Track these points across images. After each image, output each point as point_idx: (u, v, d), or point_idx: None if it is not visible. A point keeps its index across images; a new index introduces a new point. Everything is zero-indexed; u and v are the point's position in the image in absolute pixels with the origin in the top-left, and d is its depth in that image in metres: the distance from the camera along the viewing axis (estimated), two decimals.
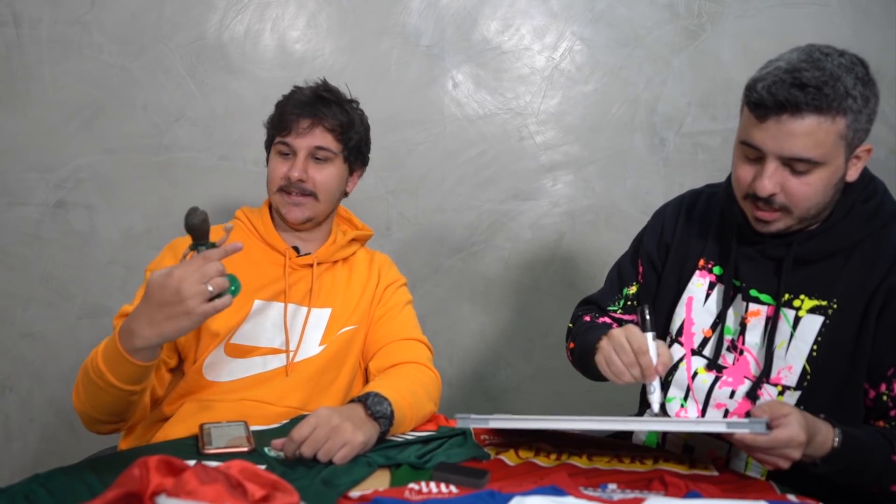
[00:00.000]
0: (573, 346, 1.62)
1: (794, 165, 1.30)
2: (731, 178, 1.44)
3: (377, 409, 1.35)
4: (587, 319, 1.65)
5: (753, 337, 1.43)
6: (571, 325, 1.69)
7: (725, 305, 1.46)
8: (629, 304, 1.64)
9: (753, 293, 1.44)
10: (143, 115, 2.33)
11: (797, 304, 1.40)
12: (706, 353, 1.48)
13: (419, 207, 2.46)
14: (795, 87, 1.25)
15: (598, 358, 1.41)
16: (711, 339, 1.48)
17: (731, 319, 1.46)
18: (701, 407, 1.46)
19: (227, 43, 2.34)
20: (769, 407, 1.20)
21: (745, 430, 1.18)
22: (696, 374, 1.48)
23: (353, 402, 1.38)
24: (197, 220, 1.25)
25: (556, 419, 1.30)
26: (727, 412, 1.43)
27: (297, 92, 1.69)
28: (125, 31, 2.30)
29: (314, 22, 2.37)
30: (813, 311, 1.38)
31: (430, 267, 2.48)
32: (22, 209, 2.33)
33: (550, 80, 2.44)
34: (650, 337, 1.34)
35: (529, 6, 2.42)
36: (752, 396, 1.41)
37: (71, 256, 2.36)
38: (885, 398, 1.34)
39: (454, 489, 1.16)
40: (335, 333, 1.66)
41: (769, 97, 1.26)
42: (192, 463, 1.03)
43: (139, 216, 2.37)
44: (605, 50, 2.44)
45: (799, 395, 1.38)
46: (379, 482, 1.22)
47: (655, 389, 1.34)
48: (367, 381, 1.69)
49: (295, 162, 1.64)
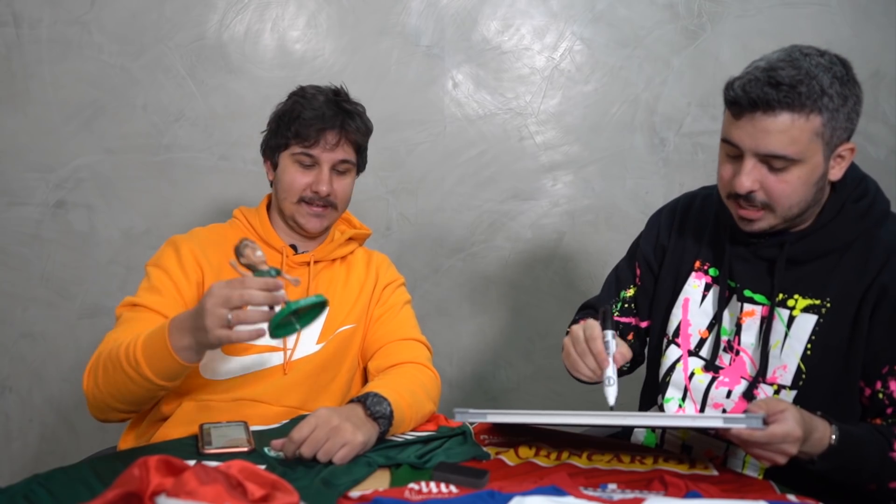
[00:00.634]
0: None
1: (770, 162, 1.31)
2: None
3: (376, 409, 1.35)
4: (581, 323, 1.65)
5: (749, 337, 1.44)
6: (568, 329, 1.69)
7: (721, 306, 1.47)
8: (626, 306, 1.64)
9: (748, 294, 1.45)
10: (142, 115, 2.33)
11: (791, 303, 1.40)
12: (703, 353, 1.49)
13: (419, 207, 2.46)
14: (769, 85, 1.27)
15: (562, 355, 1.43)
16: (708, 339, 1.49)
17: (726, 320, 1.47)
18: (699, 407, 1.46)
19: (227, 43, 2.34)
20: (766, 403, 1.20)
21: (741, 424, 1.18)
22: (692, 374, 1.48)
23: (352, 402, 1.38)
24: (250, 250, 1.22)
25: (553, 414, 1.29)
26: (724, 412, 1.43)
27: (310, 97, 1.64)
28: (125, 31, 2.30)
29: (314, 22, 2.37)
30: (807, 310, 1.39)
31: (430, 267, 2.48)
32: (22, 209, 2.33)
33: (550, 80, 2.44)
34: (609, 334, 1.35)
35: (529, 6, 2.42)
36: (748, 396, 1.41)
37: (71, 256, 2.36)
38: (880, 396, 1.34)
39: (454, 489, 1.16)
40: (333, 332, 1.66)
41: (743, 95, 1.29)
42: (192, 463, 1.03)
43: (139, 216, 2.37)
44: (605, 50, 2.44)
45: (795, 394, 1.38)
46: (379, 482, 1.22)
47: (611, 382, 1.33)
48: (365, 380, 1.69)
49: (320, 175, 1.62)
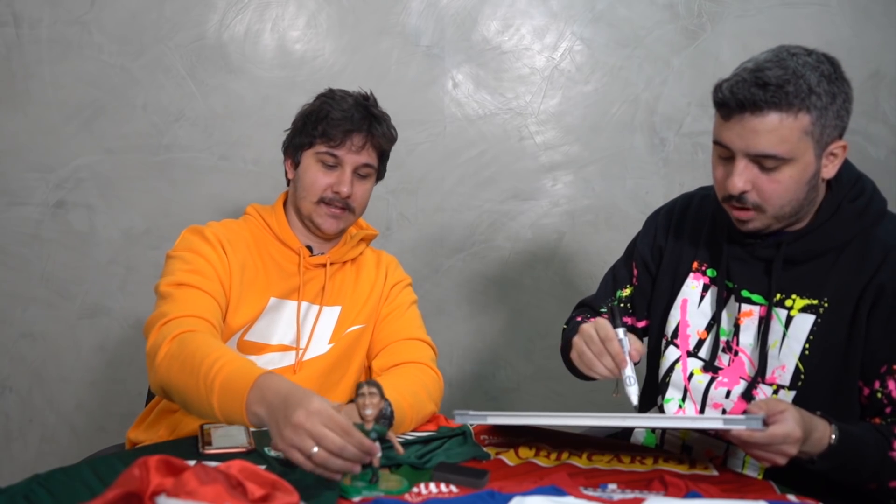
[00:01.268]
0: (562, 346, 1.63)
1: (762, 162, 1.31)
2: None
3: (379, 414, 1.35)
4: (579, 320, 1.65)
5: (747, 337, 1.44)
6: (565, 326, 1.70)
7: (719, 307, 1.47)
8: (622, 306, 1.65)
9: (745, 294, 1.45)
10: (142, 114, 2.33)
11: (789, 303, 1.40)
12: (702, 354, 1.49)
13: (419, 207, 2.46)
14: (756, 85, 1.27)
15: (572, 354, 1.41)
16: (707, 340, 1.49)
17: (725, 321, 1.47)
18: (698, 407, 1.46)
19: (227, 43, 2.34)
20: (765, 404, 1.20)
21: (741, 426, 1.18)
22: (692, 375, 1.49)
23: (352, 402, 1.38)
24: (367, 399, 1.15)
25: (553, 415, 1.29)
26: (724, 412, 1.44)
27: (339, 99, 1.65)
28: (125, 31, 2.30)
29: (314, 22, 2.37)
30: (804, 310, 1.39)
31: (430, 267, 2.48)
32: (22, 209, 2.33)
33: (550, 80, 2.44)
34: (621, 331, 1.34)
35: (529, 6, 2.42)
36: (747, 397, 1.41)
37: (71, 256, 2.36)
38: (879, 395, 1.34)
39: (454, 489, 1.16)
40: (343, 332, 1.67)
41: (731, 97, 1.29)
42: (192, 463, 1.03)
43: (139, 216, 2.37)
44: (605, 50, 2.44)
45: (794, 394, 1.38)
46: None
47: (632, 382, 1.32)
48: (369, 378, 1.70)
49: (342, 176, 1.62)
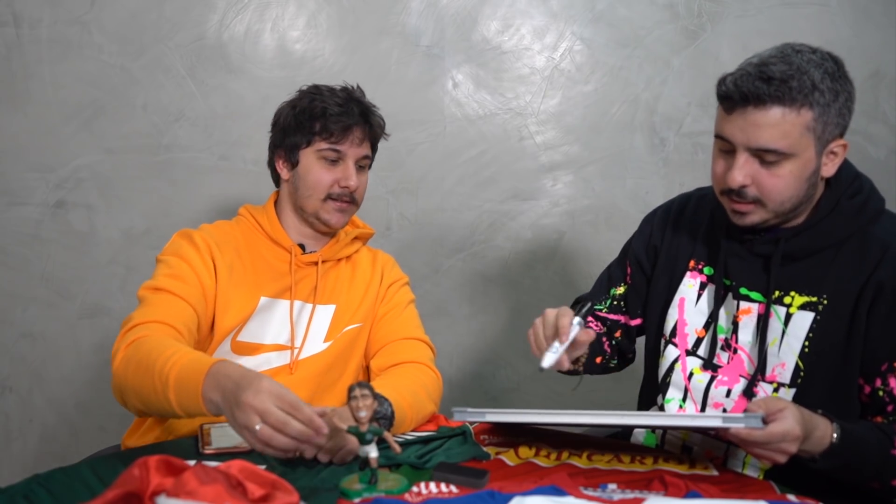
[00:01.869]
0: None
1: (763, 157, 1.32)
2: None
3: (377, 409, 1.35)
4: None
5: (746, 335, 1.44)
6: None
7: (717, 305, 1.47)
8: (615, 303, 1.66)
9: (744, 291, 1.45)
10: (142, 115, 2.33)
11: (787, 300, 1.40)
12: (700, 352, 1.49)
13: (419, 207, 2.46)
14: (761, 79, 1.28)
15: (529, 330, 1.44)
16: (705, 338, 1.49)
17: (723, 318, 1.47)
18: (699, 407, 1.46)
19: (227, 43, 2.34)
20: (765, 402, 1.20)
21: (740, 424, 1.17)
22: (691, 374, 1.49)
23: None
24: (359, 403, 1.15)
25: (552, 413, 1.29)
26: (725, 411, 1.44)
27: (329, 94, 1.64)
28: (125, 31, 2.30)
29: (314, 22, 2.37)
30: (803, 307, 1.39)
31: (430, 267, 2.48)
32: (22, 209, 2.33)
33: (550, 80, 2.44)
34: (577, 319, 1.36)
35: (529, 6, 2.42)
36: (748, 394, 1.41)
37: (71, 256, 2.36)
38: (881, 393, 1.34)
39: (454, 489, 1.16)
40: (340, 330, 1.67)
41: (735, 90, 1.30)
42: (192, 463, 1.03)
43: (139, 216, 2.37)
44: (605, 50, 2.44)
45: (794, 392, 1.38)
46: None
47: (555, 350, 1.35)
48: (368, 379, 1.69)
49: (346, 170, 1.63)
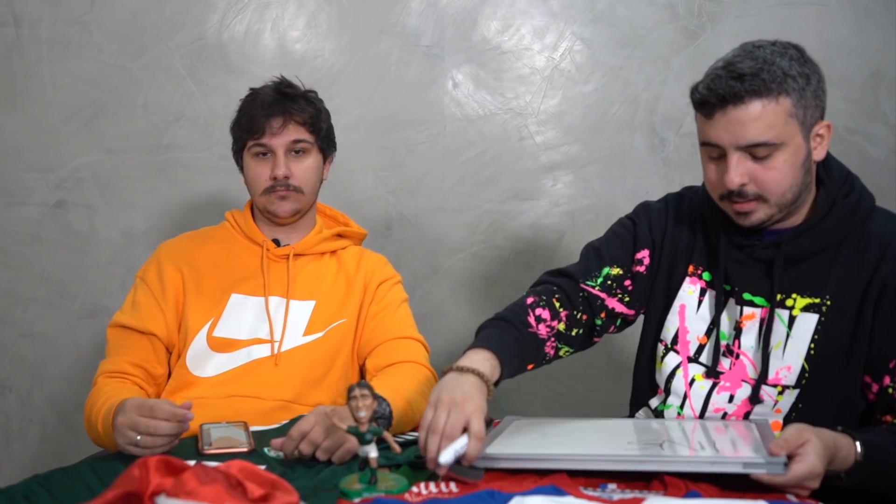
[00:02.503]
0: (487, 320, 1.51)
1: (754, 152, 1.32)
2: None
3: (376, 409, 1.35)
4: (527, 304, 1.49)
5: (749, 340, 1.43)
6: (525, 294, 1.54)
7: (718, 311, 1.46)
8: (609, 283, 1.52)
9: (747, 297, 1.44)
10: (142, 115, 2.33)
11: (790, 303, 1.40)
12: (703, 359, 1.47)
13: (419, 207, 2.46)
14: (733, 78, 1.29)
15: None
16: (707, 345, 1.47)
17: (725, 324, 1.46)
18: (697, 413, 1.45)
19: (227, 43, 2.34)
20: (785, 441, 1.16)
21: (762, 470, 1.14)
22: (693, 381, 1.47)
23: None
24: (358, 402, 1.17)
25: (567, 458, 1.24)
26: (725, 416, 1.43)
27: (257, 94, 1.70)
28: (125, 31, 2.30)
29: (314, 22, 2.37)
30: (806, 309, 1.38)
31: (430, 267, 2.48)
32: (22, 209, 2.33)
33: (550, 80, 2.44)
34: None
35: (529, 6, 2.42)
36: (754, 400, 1.41)
37: (71, 256, 2.36)
38: (890, 391, 1.34)
39: (454, 489, 1.16)
40: (324, 326, 1.66)
41: (710, 93, 1.31)
42: (191, 463, 1.03)
43: (139, 216, 2.37)
44: (605, 50, 2.44)
45: (798, 392, 1.38)
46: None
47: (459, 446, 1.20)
48: (362, 378, 1.69)
49: (276, 161, 1.66)
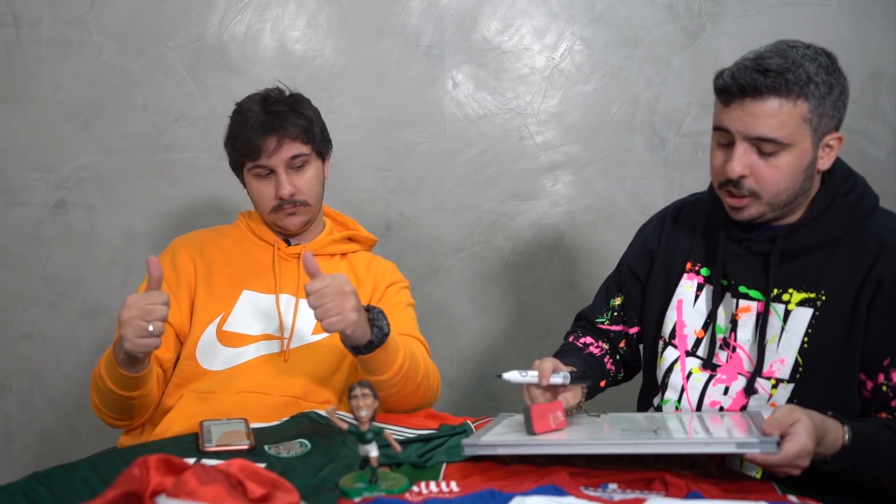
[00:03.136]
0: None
1: (761, 147, 1.34)
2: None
3: (378, 320, 1.46)
4: (570, 340, 1.68)
5: (745, 333, 1.45)
6: (563, 341, 1.71)
7: (715, 305, 1.48)
8: (615, 314, 1.67)
9: (742, 290, 1.45)
10: (143, 115, 2.33)
11: (786, 297, 1.41)
12: (700, 353, 1.49)
13: (419, 207, 2.46)
14: (758, 72, 1.31)
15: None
16: (704, 338, 1.49)
17: (721, 318, 1.48)
18: (694, 406, 1.47)
19: (227, 43, 2.34)
20: (777, 421, 1.19)
21: (755, 449, 1.16)
22: (690, 374, 1.49)
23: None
24: (359, 402, 1.18)
25: (564, 444, 1.28)
26: (721, 409, 1.44)
27: (244, 112, 1.68)
28: (125, 31, 2.30)
29: (314, 22, 2.37)
30: (802, 303, 1.40)
31: (430, 267, 2.48)
32: (22, 209, 2.33)
33: (550, 80, 2.44)
34: (563, 375, 1.40)
35: (529, 6, 2.42)
36: (749, 391, 1.42)
37: (71, 256, 2.36)
38: (884, 388, 1.35)
39: (455, 488, 1.16)
40: None
41: (732, 82, 1.32)
42: (192, 461, 1.03)
43: (139, 216, 2.37)
44: (605, 50, 2.44)
45: (792, 387, 1.39)
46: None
47: (525, 377, 1.38)
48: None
49: (278, 179, 1.66)
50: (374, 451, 1.16)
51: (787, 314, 1.40)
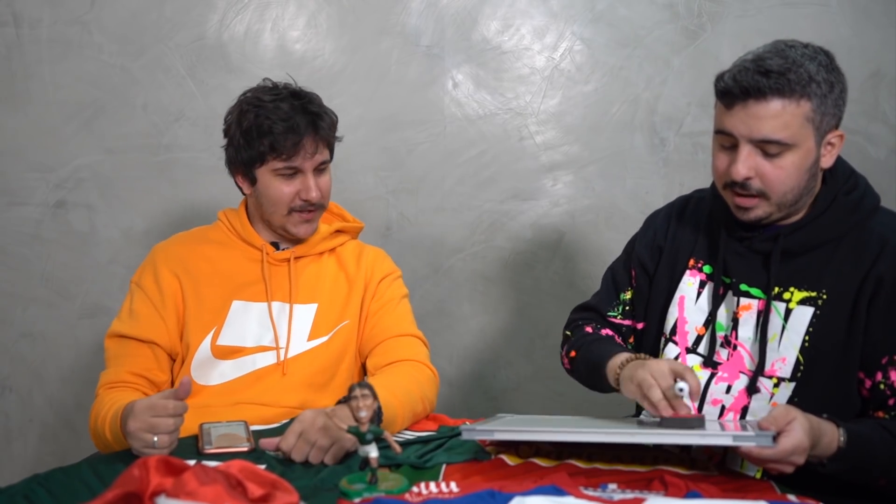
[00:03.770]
0: (574, 355, 1.62)
1: (765, 148, 1.34)
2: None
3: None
4: (589, 330, 1.65)
5: (746, 331, 1.45)
6: (569, 332, 1.68)
7: (717, 302, 1.48)
8: (626, 309, 1.65)
9: (744, 288, 1.45)
10: (143, 114, 2.33)
11: (787, 296, 1.41)
12: (700, 350, 1.49)
13: (419, 207, 2.46)
14: (759, 73, 1.31)
15: (628, 385, 1.37)
16: (705, 336, 1.49)
17: (722, 316, 1.48)
18: (696, 404, 1.46)
19: (227, 43, 2.34)
20: (773, 419, 1.20)
21: (751, 443, 1.17)
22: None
23: (339, 402, 1.37)
24: (359, 402, 1.17)
25: (559, 431, 1.29)
26: (723, 408, 1.44)
27: (272, 107, 1.58)
28: (125, 31, 2.30)
29: (314, 22, 2.37)
30: (803, 302, 1.40)
31: (430, 267, 2.48)
32: (22, 209, 2.33)
33: (550, 80, 2.44)
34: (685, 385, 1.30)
35: (529, 6, 2.42)
36: (751, 390, 1.42)
37: (71, 256, 2.36)
38: (882, 387, 1.35)
39: (454, 489, 1.16)
40: (327, 329, 1.65)
41: (734, 84, 1.32)
42: (191, 462, 1.03)
43: (139, 216, 2.37)
44: (605, 50, 2.44)
45: (794, 385, 1.39)
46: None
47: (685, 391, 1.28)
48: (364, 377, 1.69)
49: (305, 182, 1.61)
50: (373, 451, 1.16)
51: (788, 313, 1.41)
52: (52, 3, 2.27)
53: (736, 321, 1.46)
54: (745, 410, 1.43)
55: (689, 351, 1.51)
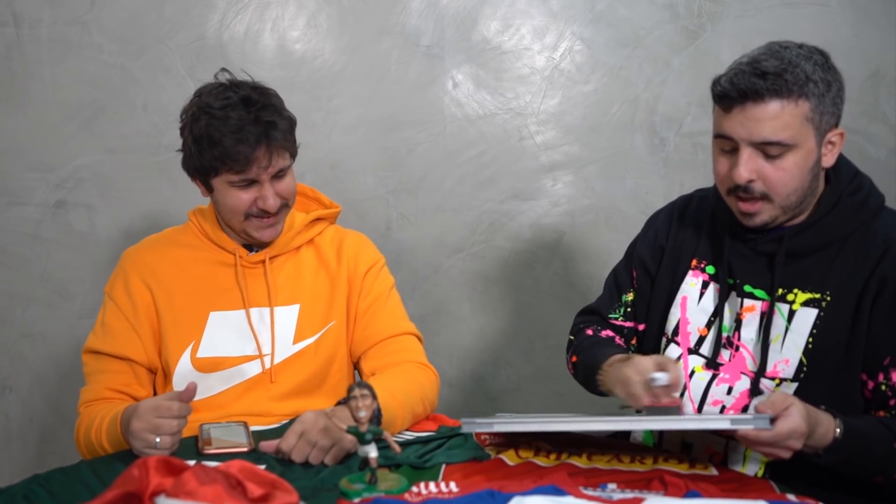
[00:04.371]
0: (576, 359, 1.62)
1: (766, 150, 1.34)
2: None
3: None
4: (590, 333, 1.64)
5: (749, 332, 1.45)
6: (572, 337, 1.68)
7: (720, 303, 1.48)
8: (628, 310, 1.65)
9: (748, 289, 1.45)
10: (142, 114, 2.33)
11: (791, 297, 1.41)
12: (703, 351, 1.49)
13: (419, 207, 2.46)
14: (756, 75, 1.30)
15: (617, 384, 1.38)
16: (708, 337, 1.49)
17: (726, 317, 1.47)
18: (697, 405, 1.46)
19: (227, 43, 2.34)
20: (771, 403, 1.21)
21: (749, 426, 1.18)
22: (693, 372, 1.49)
23: (339, 403, 1.37)
24: (358, 402, 1.16)
25: (559, 420, 1.30)
26: (724, 408, 1.44)
27: (221, 116, 1.47)
28: (125, 31, 2.30)
29: (314, 22, 2.37)
30: (807, 304, 1.40)
31: (430, 267, 2.48)
32: (22, 209, 2.33)
33: (550, 80, 2.44)
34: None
35: (529, 6, 2.42)
36: (754, 392, 1.42)
37: (71, 256, 2.36)
38: (883, 388, 1.35)
39: (454, 489, 1.17)
40: (314, 330, 1.59)
41: (731, 88, 1.32)
42: (191, 463, 1.03)
43: (139, 216, 2.37)
44: (605, 50, 2.44)
45: (796, 386, 1.39)
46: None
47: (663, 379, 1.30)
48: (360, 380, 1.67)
49: (262, 191, 1.51)
50: (373, 451, 1.16)
51: (791, 314, 1.40)
52: (52, 3, 2.27)
53: (739, 322, 1.45)
54: (745, 411, 1.43)
55: (691, 352, 1.50)
